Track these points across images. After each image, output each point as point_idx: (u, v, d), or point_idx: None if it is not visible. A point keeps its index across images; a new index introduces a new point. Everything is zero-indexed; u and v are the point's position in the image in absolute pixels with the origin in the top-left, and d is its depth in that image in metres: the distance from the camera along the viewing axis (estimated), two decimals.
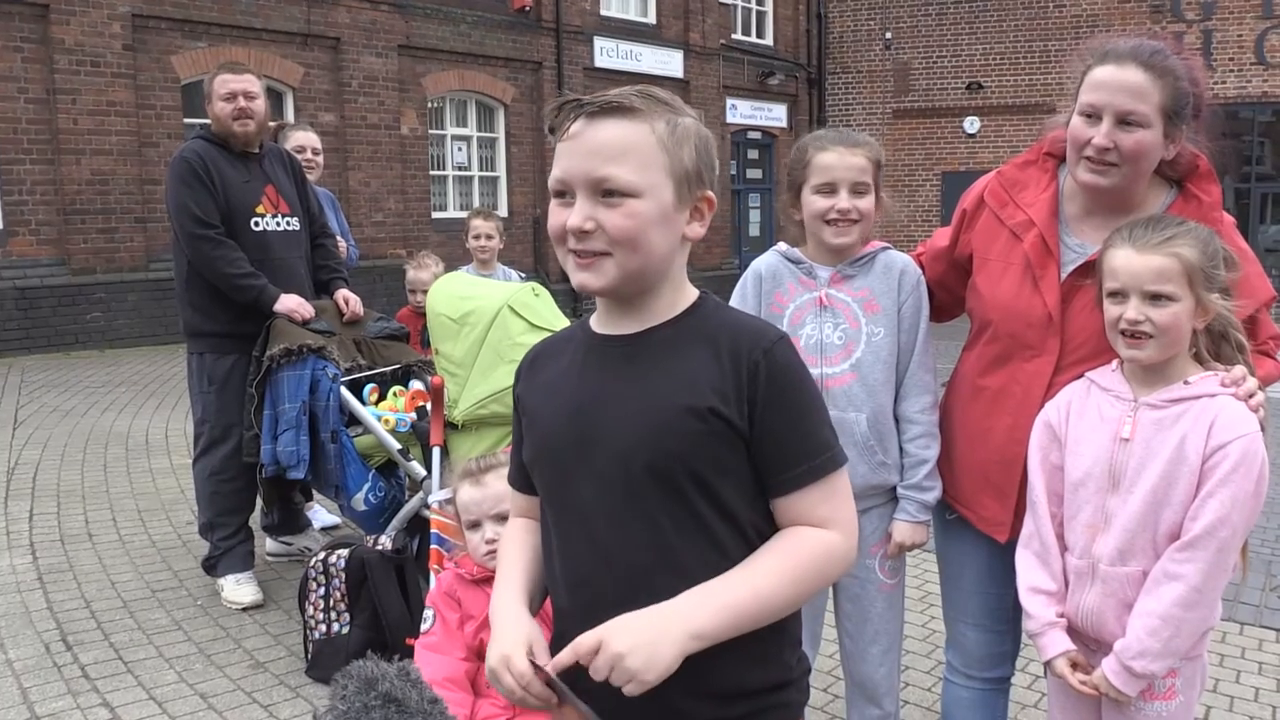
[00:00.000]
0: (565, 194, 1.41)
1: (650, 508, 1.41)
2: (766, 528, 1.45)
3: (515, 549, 1.60)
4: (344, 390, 3.98)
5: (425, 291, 5.15)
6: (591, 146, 1.38)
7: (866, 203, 2.44)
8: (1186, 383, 1.97)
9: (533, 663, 1.40)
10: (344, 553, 3.62)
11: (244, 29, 12.74)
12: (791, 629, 1.51)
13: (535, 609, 1.55)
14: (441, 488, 3.52)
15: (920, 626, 4.14)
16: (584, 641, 1.32)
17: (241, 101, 4.16)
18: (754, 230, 21.31)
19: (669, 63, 18.72)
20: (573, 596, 1.48)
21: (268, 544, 4.81)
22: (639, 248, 1.40)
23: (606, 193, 1.38)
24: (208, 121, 4.30)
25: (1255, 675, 3.78)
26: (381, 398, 4.21)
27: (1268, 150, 19.48)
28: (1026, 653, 2.67)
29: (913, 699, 3.55)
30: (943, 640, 2.76)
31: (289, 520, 4.77)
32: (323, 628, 3.60)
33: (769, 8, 21.54)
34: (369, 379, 4.22)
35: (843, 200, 2.41)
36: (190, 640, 3.92)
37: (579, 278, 1.43)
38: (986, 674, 2.51)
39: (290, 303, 4.11)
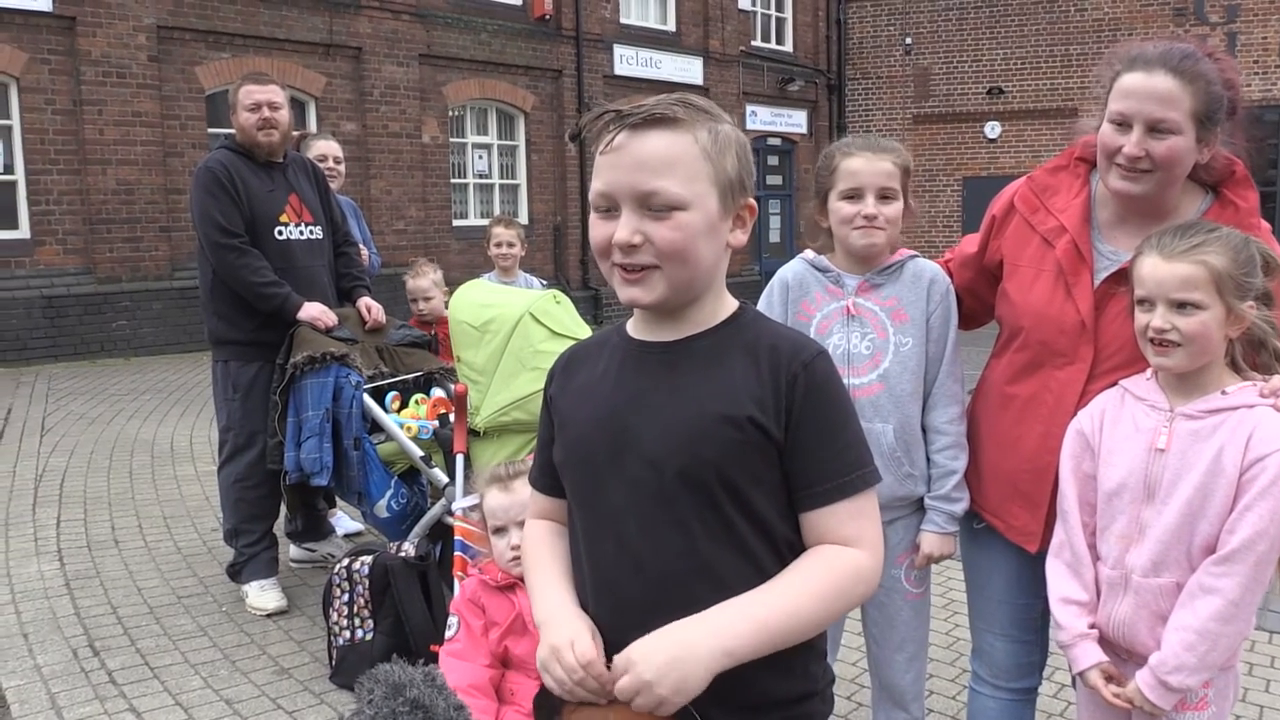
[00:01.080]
0: (610, 208, 1.40)
1: (682, 514, 1.40)
2: (797, 540, 1.45)
3: (547, 552, 1.58)
4: (367, 398, 4.00)
5: (426, 298, 5.18)
6: (637, 159, 1.37)
7: (893, 209, 2.42)
8: (1224, 393, 1.94)
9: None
10: (368, 559, 3.63)
11: (267, 39, 12.85)
12: (817, 642, 1.51)
13: None
14: (466, 494, 3.54)
15: (944, 634, 4.11)
16: (616, 665, 1.32)
17: (266, 112, 4.20)
18: (774, 237, 21.27)
19: (689, 70, 18.74)
20: (600, 601, 1.47)
21: (291, 550, 4.84)
22: (688, 260, 1.40)
23: (654, 206, 1.37)
24: (232, 131, 4.34)
25: (1244, 676, 3.73)
26: (404, 405, 4.23)
27: None
28: (1052, 661, 2.65)
29: (937, 707, 3.53)
30: (967, 648, 2.74)
31: (313, 527, 4.80)
32: (347, 634, 3.62)
33: (788, 14, 21.52)
34: (391, 386, 4.24)
35: (869, 206, 2.39)
36: (216, 646, 3.94)
37: (628, 293, 1.42)
38: (1014, 684, 2.48)
39: (313, 310, 4.14)
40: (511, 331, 3.68)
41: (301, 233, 4.33)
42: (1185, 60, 2.02)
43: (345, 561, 3.69)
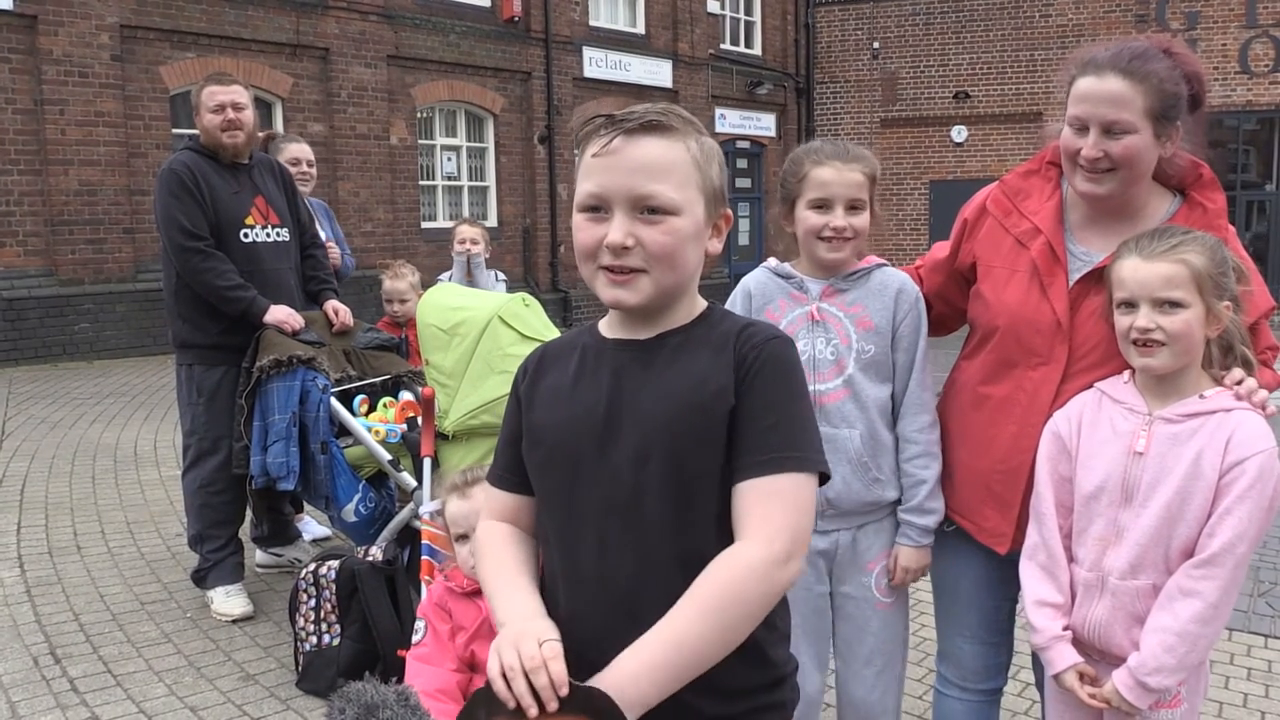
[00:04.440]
0: (600, 209, 1.42)
1: (665, 506, 1.42)
2: None
3: (511, 558, 1.55)
4: (334, 401, 3.97)
5: (402, 301, 5.15)
6: (633, 164, 1.40)
7: (861, 220, 2.39)
8: (1202, 397, 1.96)
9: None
10: (334, 564, 3.61)
11: (232, 39, 12.73)
12: (781, 625, 1.52)
13: None
14: (432, 499, 3.52)
15: (911, 635, 4.12)
16: None
17: (230, 113, 4.14)
18: (743, 239, 21.33)
19: (658, 73, 18.76)
20: (581, 597, 1.47)
21: (258, 555, 4.79)
22: (675, 265, 1.43)
23: (648, 210, 1.40)
24: (196, 132, 4.29)
25: (1244, 681, 3.79)
26: (371, 409, 4.20)
27: (1253, 158, 19.62)
28: (1016, 660, 2.67)
29: (903, 708, 3.54)
30: (932, 649, 2.75)
31: (279, 532, 4.76)
32: (313, 639, 3.59)
33: (757, 18, 21.61)
34: (359, 390, 4.22)
35: (838, 218, 2.36)
36: (180, 653, 3.90)
37: (613, 294, 1.44)
38: (981, 686, 2.50)
39: (280, 314, 4.10)
40: (480, 334, 3.67)
41: (268, 235, 4.29)
42: (1135, 61, 2.05)
43: (311, 566, 3.66)
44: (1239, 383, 1.97)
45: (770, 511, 1.38)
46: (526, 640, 1.33)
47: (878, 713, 2.53)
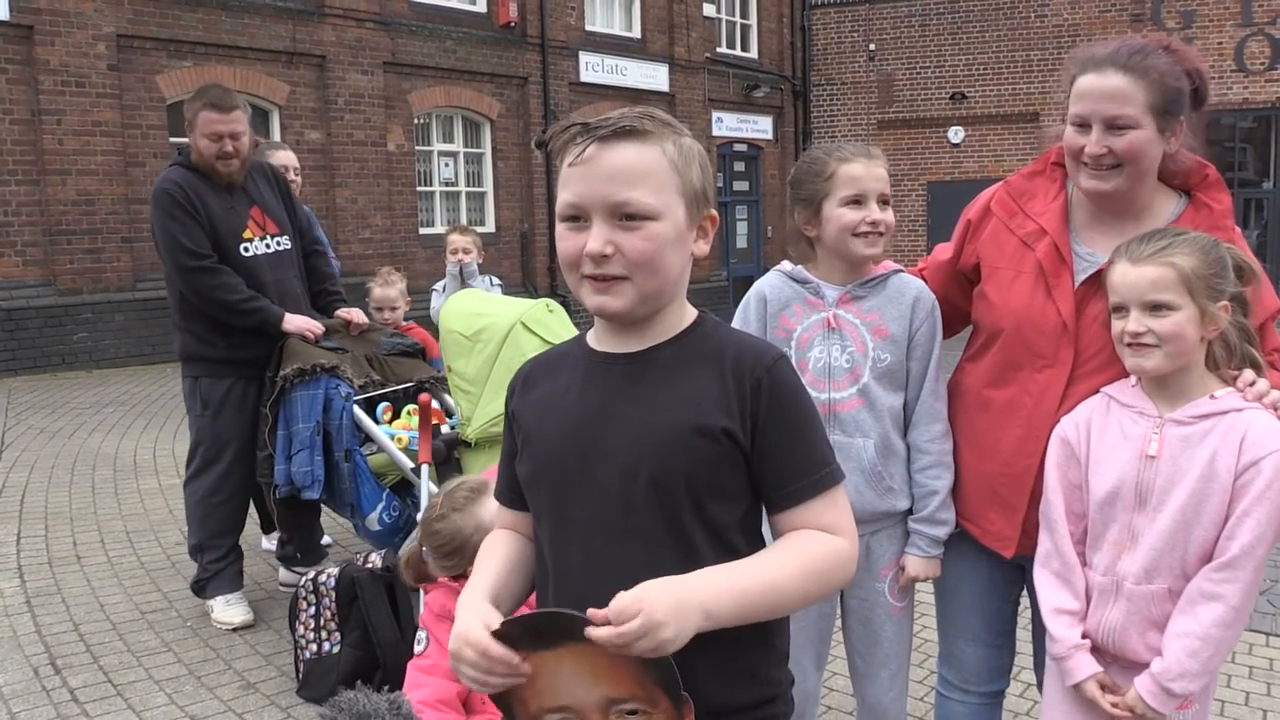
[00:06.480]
0: (579, 218, 1.41)
1: (649, 524, 1.41)
2: (752, 550, 1.46)
3: (489, 555, 1.59)
4: (357, 409, 3.97)
5: (393, 308, 5.13)
6: (608, 171, 1.39)
7: (890, 215, 2.39)
8: (1213, 398, 1.94)
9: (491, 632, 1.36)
10: (334, 572, 3.61)
11: (229, 48, 12.74)
12: (780, 645, 1.53)
13: (504, 611, 1.51)
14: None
15: (913, 635, 4.12)
16: (623, 603, 1.28)
17: (228, 144, 4.05)
18: (741, 242, 21.34)
19: (654, 77, 18.78)
20: (570, 608, 1.47)
21: (281, 574, 4.72)
22: (657, 270, 1.42)
23: (625, 216, 1.39)
24: (187, 142, 4.17)
25: (1246, 679, 3.79)
26: (395, 416, 4.20)
27: (1250, 156, 19.64)
28: (1018, 662, 2.67)
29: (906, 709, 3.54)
30: (934, 651, 2.75)
31: (309, 550, 4.67)
32: (313, 647, 3.59)
33: (753, 21, 21.63)
34: (383, 397, 4.21)
35: (874, 212, 2.35)
36: (180, 662, 3.90)
37: (597, 301, 1.43)
38: (983, 688, 2.49)
39: (299, 322, 4.09)
40: (503, 341, 3.66)
41: (268, 246, 4.23)
42: (1134, 56, 2.05)
43: (311, 574, 3.66)
44: (1251, 384, 1.95)
45: (840, 519, 1.46)
46: (462, 650, 1.37)
47: (894, 714, 2.56)
